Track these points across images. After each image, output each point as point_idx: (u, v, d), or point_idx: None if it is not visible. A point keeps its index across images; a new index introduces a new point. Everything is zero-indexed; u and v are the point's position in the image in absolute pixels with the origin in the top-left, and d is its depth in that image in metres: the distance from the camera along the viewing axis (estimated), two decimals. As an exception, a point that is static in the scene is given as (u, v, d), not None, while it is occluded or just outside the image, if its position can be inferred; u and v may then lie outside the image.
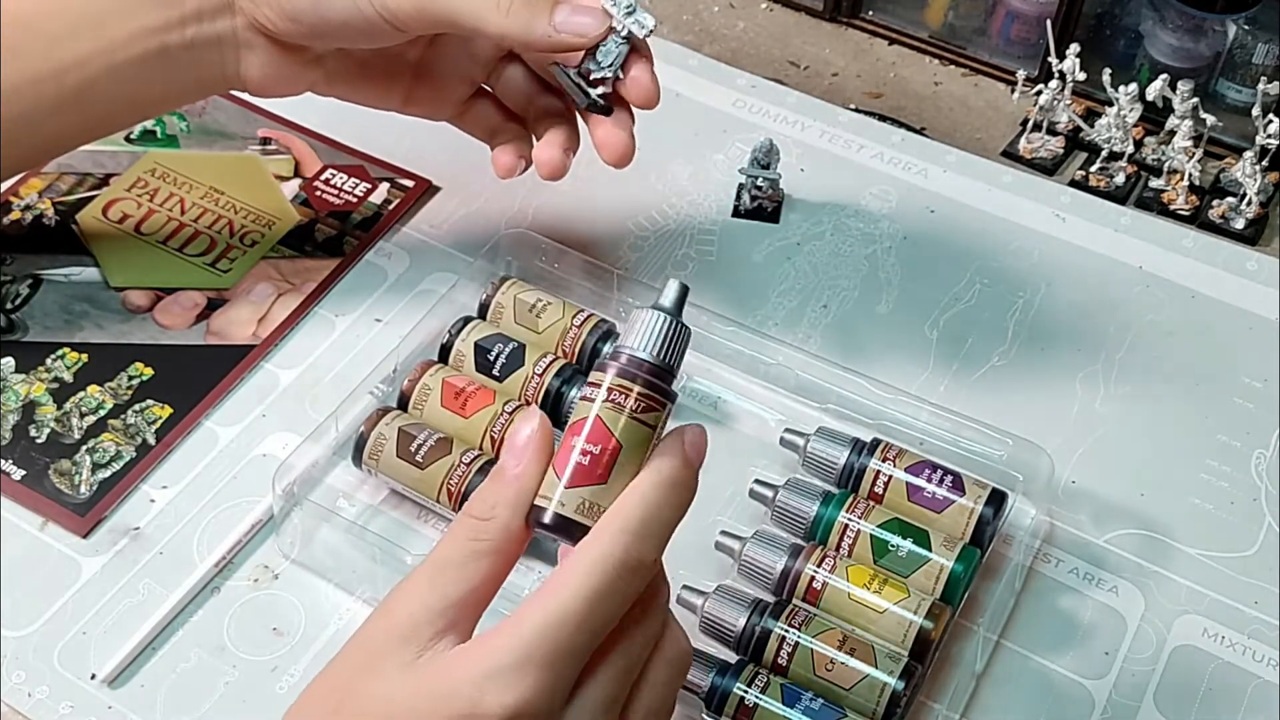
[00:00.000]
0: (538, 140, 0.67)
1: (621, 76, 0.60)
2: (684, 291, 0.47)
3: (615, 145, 0.62)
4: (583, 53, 0.59)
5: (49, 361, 0.70)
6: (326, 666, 0.45)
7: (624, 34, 0.58)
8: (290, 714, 0.45)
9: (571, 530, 0.44)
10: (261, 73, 0.65)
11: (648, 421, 0.45)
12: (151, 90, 0.65)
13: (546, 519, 0.44)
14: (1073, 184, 0.84)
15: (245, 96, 0.68)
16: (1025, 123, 0.88)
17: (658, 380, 0.45)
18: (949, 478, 0.62)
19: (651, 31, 0.58)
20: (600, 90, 0.61)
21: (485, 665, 0.41)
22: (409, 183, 0.80)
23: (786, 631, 0.57)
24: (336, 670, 0.45)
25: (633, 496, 0.44)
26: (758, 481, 0.64)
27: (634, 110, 0.62)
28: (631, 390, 0.45)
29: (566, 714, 0.43)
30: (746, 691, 0.56)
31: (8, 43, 0.62)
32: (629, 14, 0.58)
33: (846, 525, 0.61)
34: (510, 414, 0.64)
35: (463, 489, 0.61)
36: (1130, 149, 0.84)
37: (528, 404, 0.65)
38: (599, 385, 0.45)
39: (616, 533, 0.43)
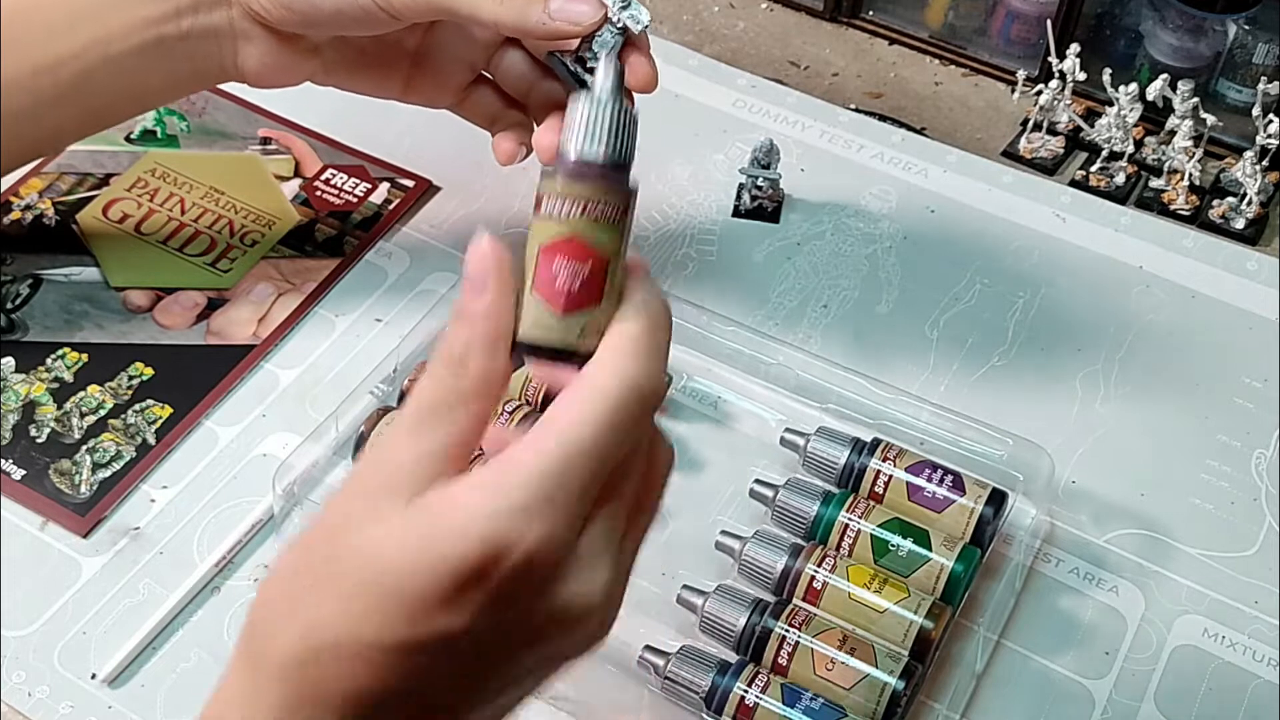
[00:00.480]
0: (537, 125, 0.66)
1: (620, 63, 0.60)
2: (620, 72, 0.43)
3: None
4: (578, 41, 0.59)
5: (49, 361, 0.70)
6: (302, 534, 0.41)
7: (619, 26, 0.58)
8: (267, 587, 0.41)
9: (574, 359, 0.41)
10: (259, 63, 0.65)
11: (621, 227, 0.41)
12: (149, 81, 0.65)
13: (548, 352, 0.41)
14: (1073, 184, 0.84)
15: (246, 95, 0.69)
16: (1025, 123, 0.88)
17: (621, 178, 0.42)
18: (949, 477, 0.62)
19: (646, 26, 0.58)
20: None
21: (502, 502, 0.38)
22: (409, 183, 0.80)
23: (787, 631, 0.57)
24: (318, 534, 0.40)
25: (630, 319, 0.41)
26: (758, 481, 0.64)
27: (634, 97, 0.62)
28: (608, 198, 0.41)
29: (579, 545, 0.40)
30: (747, 691, 0.56)
31: (5, 35, 0.62)
32: (624, 7, 0.58)
33: (847, 525, 0.61)
34: (510, 414, 0.64)
35: (463, 489, 0.61)
36: (1130, 149, 0.84)
37: (527, 403, 0.65)
38: (566, 197, 0.41)
39: (627, 358, 0.40)
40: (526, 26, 0.59)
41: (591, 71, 0.60)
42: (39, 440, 0.67)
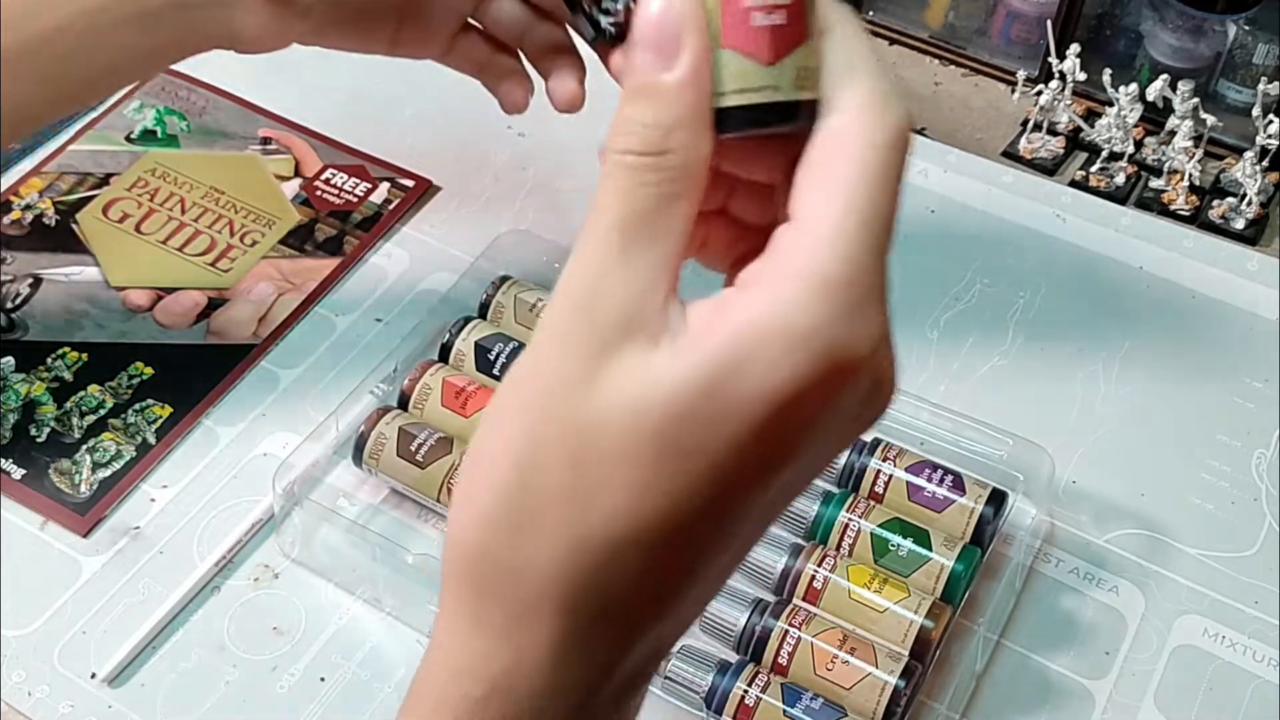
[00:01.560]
0: (543, 75, 0.62)
1: (633, 6, 0.58)
2: None
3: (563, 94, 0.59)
4: None
5: (49, 361, 0.70)
6: (494, 427, 0.32)
7: None
8: (483, 510, 0.32)
9: (801, 113, 0.32)
10: (252, 29, 0.62)
11: None
12: (133, 54, 0.61)
13: (764, 115, 0.32)
14: (1073, 184, 0.84)
15: (246, 95, 0.68)
16: (1026, 123, 0.88)
17: None
18: (949, 477, 0.62)
19: None
20: (611, 19, 0.59)
21: (831, 307, 0.30)
22: (409, 182, 0.80)
23: (787, 631, 0.57)
24: (531, 416, 0.32)
25: (852, 60, 0.32)
26: (758, 481, 0.64)
27: None
28: None
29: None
30: (747, 691, 0.56)
31: None
32: None
33: (847, 525, 0.61)
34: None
35: (463, 488, 0.61)
36: (1130, 149, 0.84)
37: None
38: None
39: (873, 104, 0.32)
40: None
41: (607, 13, 0.58)
42: (39, 440, 0.67)
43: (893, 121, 0.32)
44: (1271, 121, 0.79)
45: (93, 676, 0.59)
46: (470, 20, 0.66)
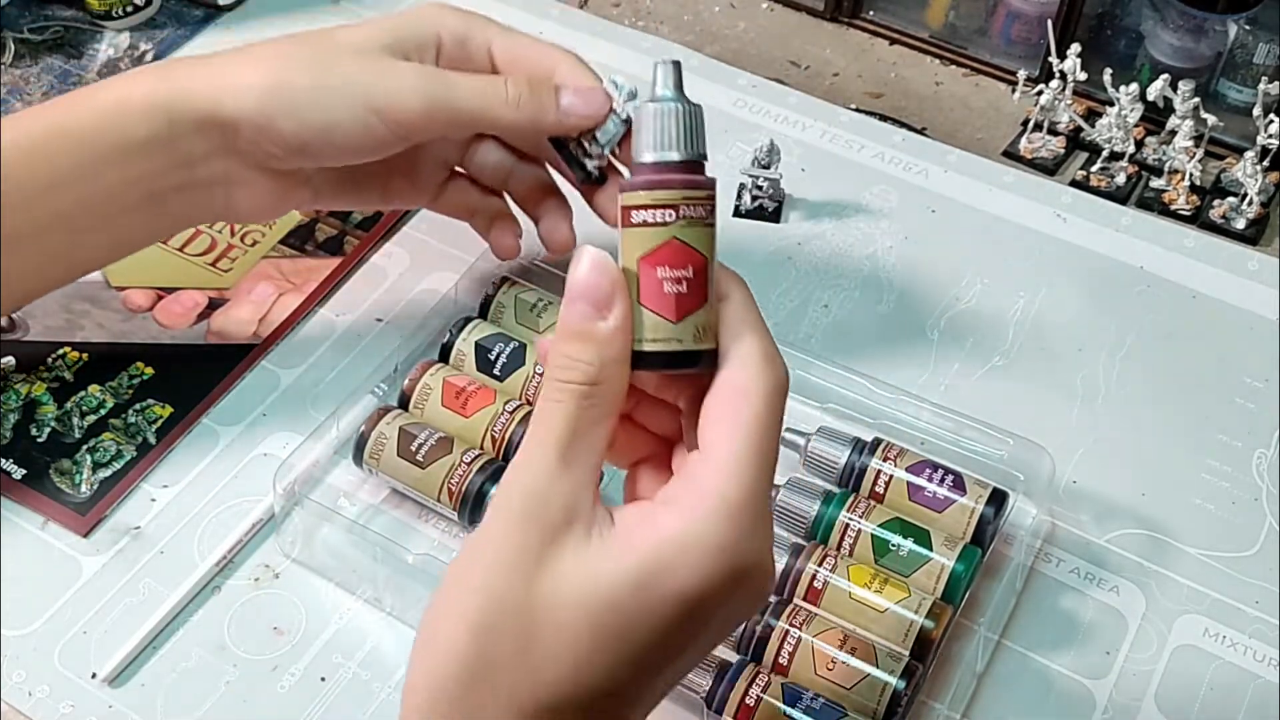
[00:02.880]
0: (533, 219, 0.68)
1: (618, 152, 0.62)
2: (678, 69, 0.43)
3: (614, 212, 0.62)
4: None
5: (50, 361, 0.70)
6: (450, 596, 0.41)
7: (624, 117, 0.60)
8: (436, 666, 0.41)
9: (686, 360, 0.42)
10: (252, 204, 0.63)
11: (711, 221, 0.42)
12: (134, 233, 0.62)
13: (669, 360, 0.42)
14: (1074, 184, 0.84)
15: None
16: (1026, 123, 0.88)
17: (701, 174, 0.42)
18: (950, 477, 0.62)
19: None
20: (595, 164, 0.62)
21: (729, 531, 0.39)
22: (410, 182, 0.80)
23: (788, 631, 0.57)
24: (495, 589, 0.40)
25: (744, 322, 0.43)
26: (759, 481, 0.64)
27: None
28: (698, 198, 0.42)
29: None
30: (747, 691, 0.56)
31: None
32: (630, 99, 0.59)
33: (847, 525, 0.61)
34: (511, 413, 0.64)
35: (464, 488, 0.61)
36: (1131, 149, 0.84)
37: (528, 403, 0.65)
38: (656, 206, 0.42)
39: (760, 356, 0.42)
40: (543, 126, 0.60)
41: (591, 157, 0.61)
42: (39, 440, 0.67)
43: (777, 375, 0.42)
44: (1272, 121, 0.79)
45: (93, 676, 0.59)
46: (457, 169, 0.68)
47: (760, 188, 0.79)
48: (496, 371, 0.66)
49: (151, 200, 0.60)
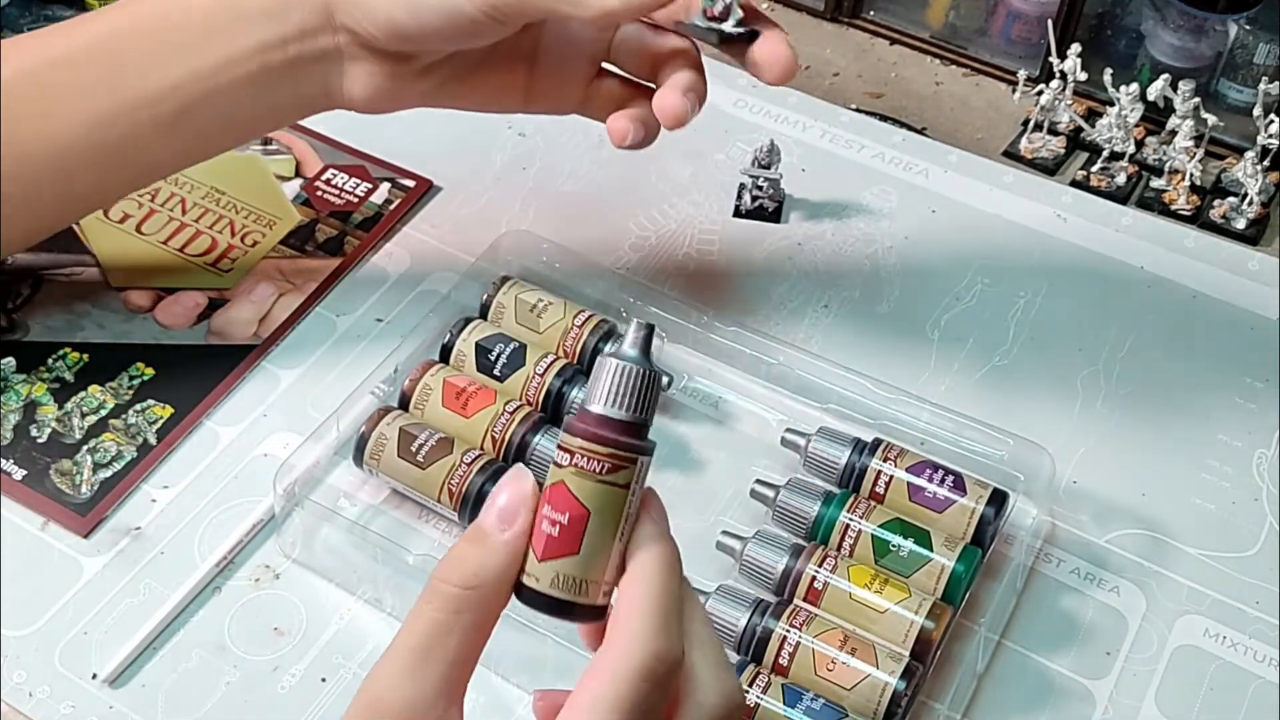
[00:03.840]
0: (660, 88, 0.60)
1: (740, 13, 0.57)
2: (649, 333, 0.42)
3: (775, 62, 0.58)
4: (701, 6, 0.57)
5: (50, 361, 0.70)
6: None
7: None
8: None
9: (551, 606, 0.42)
10: (369, 88, 0.62)
11: (618, 482, 0.41)
12: (251, 111, 0.62)
13: (537, 600, 0.42)
14: (1074, 184, 0.84)
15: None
16: (1026, 123, 0.88)
17: (627, 437, 0.41)
18: (950, 478, 0.62)
19: None
20: (730, 22, 0.58)
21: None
22: (410, 182, 0.80)
23: (788, 632, 0.57)
24: None
25: (644, 589, 0.41)
26: (759, 481, 0.64)
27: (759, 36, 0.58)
28: (597, 452, 0.41)
29: None
30: (748, 691, 0.56)
31: (102, 70, 0.60)
32: None
33: (848, 525, 0.61)
34: (511, 414, 0.64)
35: (464, 489, 0.61)
36: (1131, 149, 0.84)
37: (529, 404, 0.65)
38: (566, 449, 0.41)
39: (641, 637, 0.40)
40: (634, 6, 0.55)
41: (722, 18, 0.57)
42: (40, 440, 0.67)
43: (641, 663, 0.40)
44: (1272, 121, 0.79)
45: (94, 677, 0.59)
46: (604, 65, 0.64)
47: (760, 188, 0.79)
48: (497, 372, 0.66)
49: (264, 76, 0.60)
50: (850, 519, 0.61)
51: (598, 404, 0.41)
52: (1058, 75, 0.84)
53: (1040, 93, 0.85)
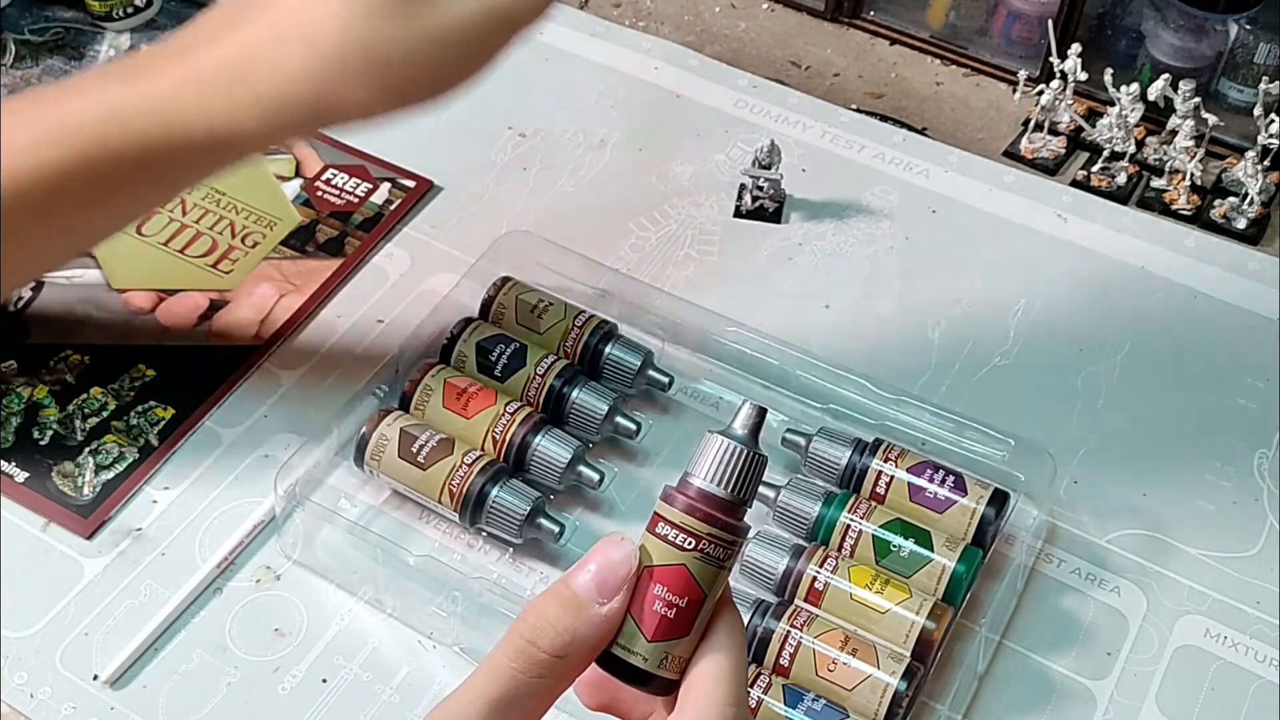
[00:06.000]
0: None
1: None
2: (760, 417, 0.42)
3: None
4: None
5: (52, 363, 0.70)
6: None
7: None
8: None
9: (655, 684, 0.41)
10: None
11: (728, 565, 0.42)
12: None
13: (630, 673, 0.41)
14: (1074, 184, 0.84)
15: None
16: (1027, 123, 0.88)
17: (740, 521, 0.42)
18: (951, 478, 0.62)
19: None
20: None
21: None
22: (410, 183, 0.80)
23: (789, 632, 0.57)
24: None
25: (726, 666, 0.41)
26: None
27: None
28: (722, 539, 0.41)
29: None
30: (749, 692, 0.56)
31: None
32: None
33: (848, 526, 0.61)
34: (512, 414, 0.64)
35: (464, 490, 0.61)
36: (1132, 149, 0.84)
37: (529, 405, 0.65)
38: (682, 529, 0.41)
39: (719, 704, 0.41)
40: None
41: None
42: (42, 442, 0.67)
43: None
44: (1273, 121, 0.79)
45: (95, 678, 0.59)
46: None
47: (761, 188, 0.79)
48: (497, 373, 0.66)
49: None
50: (851, 519, 0.61)
51: (723, 489, 0.41)
52: (1058, 75, 0.84)
53: (1041, 93, 0.85)
